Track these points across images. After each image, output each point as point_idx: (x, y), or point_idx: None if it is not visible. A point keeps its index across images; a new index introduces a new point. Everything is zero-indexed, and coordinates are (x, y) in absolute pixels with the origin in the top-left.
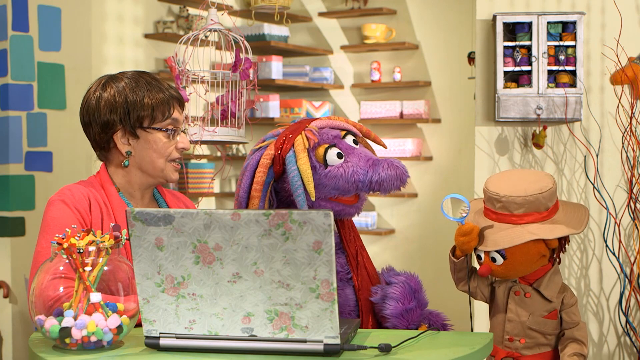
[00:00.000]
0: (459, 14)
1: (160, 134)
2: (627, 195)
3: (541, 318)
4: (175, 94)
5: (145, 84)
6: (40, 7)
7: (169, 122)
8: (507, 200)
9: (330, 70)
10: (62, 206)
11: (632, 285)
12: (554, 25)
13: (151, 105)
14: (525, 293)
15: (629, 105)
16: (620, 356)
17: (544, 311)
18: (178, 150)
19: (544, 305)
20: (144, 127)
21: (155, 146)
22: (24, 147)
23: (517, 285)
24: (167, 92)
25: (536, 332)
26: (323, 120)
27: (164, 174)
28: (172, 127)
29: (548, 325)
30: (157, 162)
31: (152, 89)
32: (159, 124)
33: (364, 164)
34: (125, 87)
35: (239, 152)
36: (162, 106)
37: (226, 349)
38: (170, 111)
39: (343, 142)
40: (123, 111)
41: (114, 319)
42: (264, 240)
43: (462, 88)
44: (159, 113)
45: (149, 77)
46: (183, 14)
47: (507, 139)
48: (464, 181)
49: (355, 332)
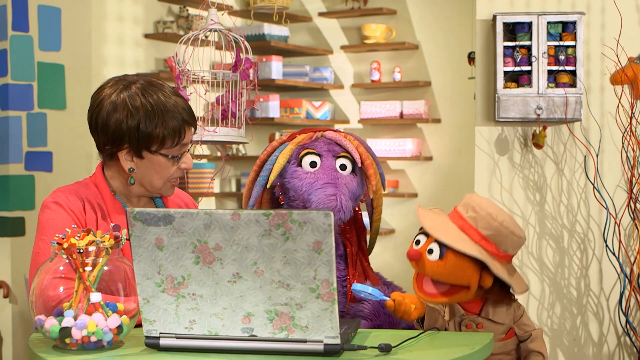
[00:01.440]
0: (459, 14)
1: (163, 158)
2: (627, 195)
3: (501, 342)
4: (188, 117)
5: (161, 112)
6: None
7: (177, 148)
8: (483, 215)
9: (330, 70)
10: (56, 208)
11: (632, 285)
12: (554, 25)
13: (162, 134)
14: (477, 324)
15: (629, 105)
16: (620, 356)
17: (501, 334)
18: (180, 170)
19: (498, 329)
20: (151, 151)
21: (158, 168)
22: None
23: (467, 319)
24: (180, 117)
25: (500, 355)
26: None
27: (161, 191)
28: (181, 152)
29: (509, 344)
30: (156, 182)
31: (166, 116)
32: (166, 150)
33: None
34: (140, 109)
35: (239, 152)
36: (174, 135)
37: (226, 349)
38: (180, 139)
39: (330, 159)
40: (133, 135)
41: (114, 319)
42: (264, 240)
43: (462, 88)
44: (169, 140)
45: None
46: (183, 14)
47: (507, 139)
48: (463, 181)
49: (356, 332)
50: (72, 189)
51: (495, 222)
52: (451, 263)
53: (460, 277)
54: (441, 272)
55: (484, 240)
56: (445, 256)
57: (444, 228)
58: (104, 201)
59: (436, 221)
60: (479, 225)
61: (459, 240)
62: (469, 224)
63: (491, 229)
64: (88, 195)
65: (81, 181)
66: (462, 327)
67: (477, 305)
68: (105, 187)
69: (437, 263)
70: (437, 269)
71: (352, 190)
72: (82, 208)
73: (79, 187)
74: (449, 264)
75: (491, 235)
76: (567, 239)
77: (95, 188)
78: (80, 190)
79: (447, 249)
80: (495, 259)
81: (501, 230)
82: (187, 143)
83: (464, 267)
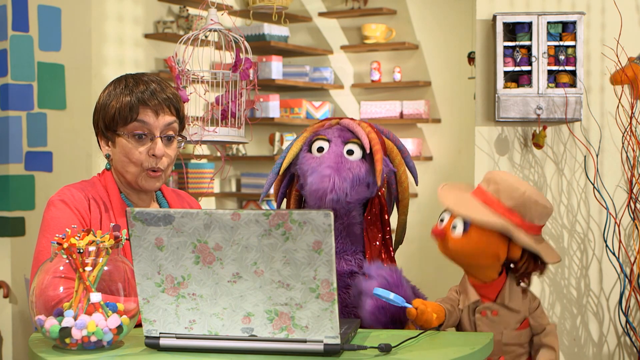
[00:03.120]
0: (459, 14)
1: (126, 139)
2: (627, 195)
3: (515, 331)
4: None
5: (122, 86)
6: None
7: (135, 126)
8: (505, 187)
9: (330, 70)
10: (62, 206)
11: (632, 285)
12: (554, 25)
13: (116, 108)
14: (492, 311)
15: (629, 105)
16: (620, 356)
17: (516, 323)
18: (152, 159)
19: (514, 317)
20: (113, 131)
21: (124, 151)
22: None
23: (481, 305)
24: (135, 97)
25: (513, 346)
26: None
27: (138, 181)
28: (141, 132)
29: (524, 336)
30: (127, 167)
31: (124, 92)
32: (122, 128)
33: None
34: (106, 89)
35: (239, 152)
36: (125, 110)
37: (226, 349)
38: (132, 115)
39: (338, 145)
40: (97, 115)
41: (114, 319)
42: (264, 240)
43: (462, 88)
44: (122, 118)
45: (132, 80)
46: (183, 14)
47: (507, 139)
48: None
49: (356, 332)
50: (78, 187)
51: (517, 192)
52: (475, 237)
53: (487, 251)
54: (464, 247)
55: (508, 212)
56: (468, 231)
57: (466, 203)
58: (110, 200)
59: (458, 198)
60: (502, 197)
61: (482, 212)
62: (492, 197)
63: (514, 199)
64: (94, 194)
65: (89, 179)
66: (476, 313)
67: (493, 290)
68: (114, 186)
69: (461, 239)
70: (460, 245)
71: (358, 176)
72: (87, 207)
73: (86, 185)
74: (473, 238)
75: (514, 206)
76: (567, 239)
77: (102, 187)
78: (87, 189)
79: (470, 224)
80: (521, 230)
81: (524, 200)
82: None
83: (488, 240)
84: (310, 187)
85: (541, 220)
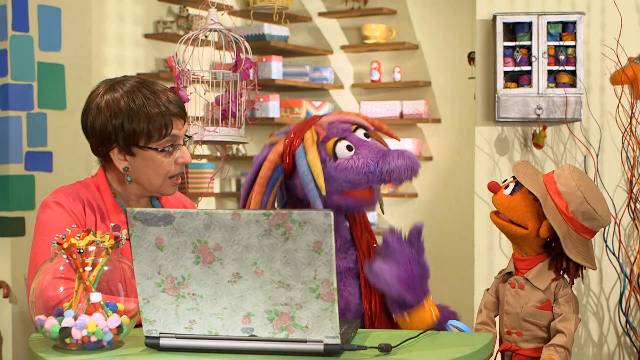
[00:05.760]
0: (459, 14)
1: (157, 153)
2: (627, 195)
3: (534, 309)
4: (175, 109)
5: (143, 100)
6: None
7: (167, 139)
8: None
9: (330, 70)
10: (57, 208)
11: (632, 285)
12: (554, 25)
13: (147, 128)
14: (519, 284)
15: (629, 105)
16: (620, 356)
17: (537, 301)
18: (178, 166)
19: (535, 295)
20: (140, 146)
21: (153, 164)
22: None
23: (512, 277)
24: (164, 108)
25: (531, 325)
26: (333, 115)
27: (161, 190)
28: (171, 144)
29: (543, 317)
30: (154, 179)
31: (148, 106)
32: (155, 143)
33: (374, 155)
34: (122, 107)
35: (238, 152)
36: (159, 125)
37: (226, 349)
38: (167, 130)
39: (353, 135)
40: (119, 133)
41: (114, 319)
42: (264, 240)
43: (462, 88)
44: (156, 132)
45: (148, 90)
46: (183, 14)
47: (507, 139)
48: (463, 181)
49: (356, 332)
50: (73, 189)
51: (573, 181)
52: (517, 200)
53: (520, 215)
54: (506, 204)
55: (557, 195)
56: (515, 193)
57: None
58: (104, 203)
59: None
60: (559, 180)
61: (534, 185)
62: (552, 177)
63: (568, 186)
64: (88, 197)
65: (82, 181)
66: (507, 284)
67: (527, 266)
68: (107, 189)
69: (507, 197)
70: (503, 201)
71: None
72: (82, 210)
73: (80, 187)
74: (515, 200)
75: (565, 192)
76: None
77: (96, 189)
78: (82, 192)
79: (520, 189)
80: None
81: (575, 191)
82: (178, 136)
83: (526, 208)
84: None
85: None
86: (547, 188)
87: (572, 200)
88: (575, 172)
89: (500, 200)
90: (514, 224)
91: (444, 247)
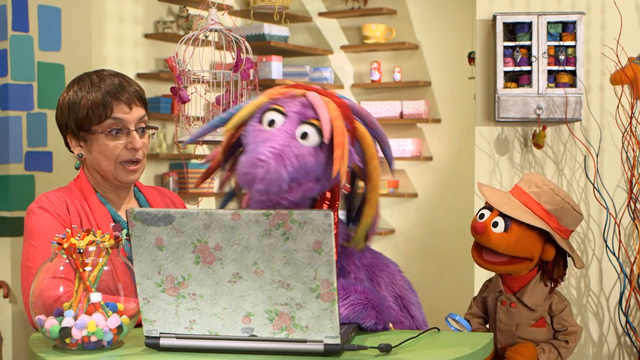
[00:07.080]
0: (459, 14)
1: (103, 136)
2: (627, 195)
3: (529, 327)
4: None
5: (88, 84)
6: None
7: (110, 122)
8: (546, 190)
9: (330, 70)
10: (42, 212)
11: (632, 285)
12: (554, 25)
13: (87, 107)
14: (511, 303)
15: (629, 105)
16: (620, 356)
17: (531, 320)
18: (129, 152)
19: (529, 314)
20: (87, 130)
21: (100, 149)
22: (24, 147)
23: (503, 295)
24: (104, 91)
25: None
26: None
27: (115, 176)
28: (118, 128)
29: (539, 334)
30: (103, 164)
31: (91, 90)
32: (97, 126)
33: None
34: (70, 89)
35: None
36: (98, 107)
37: (226, 349)
38: (106, 112)
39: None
40: (66, 115)
41: (114, 319)
42: (264, 240)
43: (462, 88)
44: (95, 115)
45: (97, 77)
46: (183, 14)
47: (507, 139)
48: (463, 181)
49: (355, 332)
50: (55, 193)
51: (557, 197)
52: (516, 235)
53: (525, 249)
54: (506, 244)
55: (547, 215)
56: (510, 229)
57: (508, 202)
58: (88, 204)
59: (500, 196)
60: (542, 199)
61: (524, 213)
62: (532, 198)
63: (554, 203)
64: (72, 199)
65: (66, 186)
66: (497, 302)
67: (518, 284)
68: (90, 189)
69: (503, 235)
70: (502, 241)
71: (305, 166)
72: (66, 210)
73: (63, 191)
74: (514, 236)
75: (553, 209)
76: None
77: (78, 191)
78: (65, 195)
79: (512, 222)
80: (556, 233)
81: (563, 205)
82: (124, 120)
83: (528, 239)
84: (240, 168)
85: (574, 225)
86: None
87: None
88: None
89: (496, 241)
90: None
91: (443, 247)
